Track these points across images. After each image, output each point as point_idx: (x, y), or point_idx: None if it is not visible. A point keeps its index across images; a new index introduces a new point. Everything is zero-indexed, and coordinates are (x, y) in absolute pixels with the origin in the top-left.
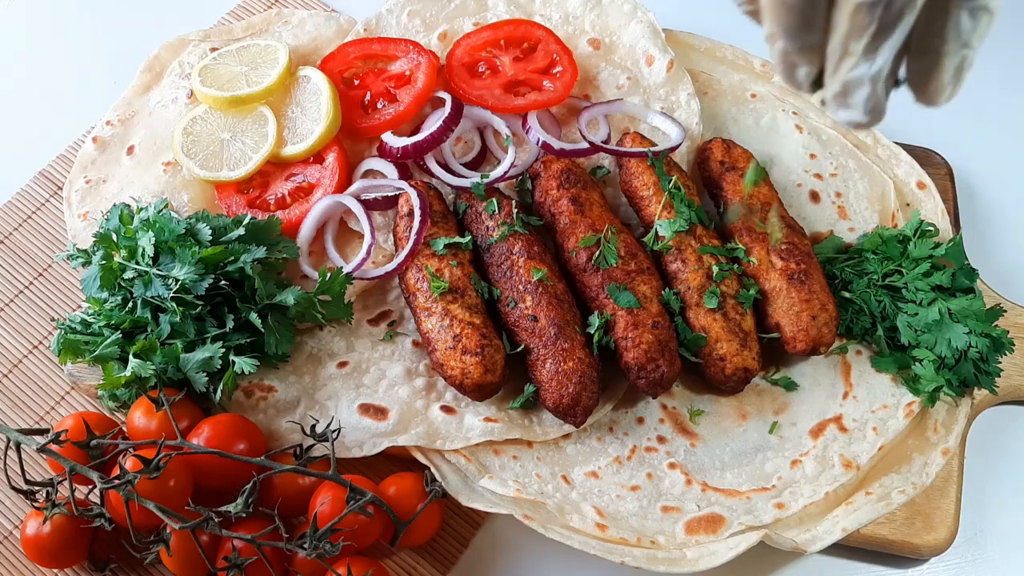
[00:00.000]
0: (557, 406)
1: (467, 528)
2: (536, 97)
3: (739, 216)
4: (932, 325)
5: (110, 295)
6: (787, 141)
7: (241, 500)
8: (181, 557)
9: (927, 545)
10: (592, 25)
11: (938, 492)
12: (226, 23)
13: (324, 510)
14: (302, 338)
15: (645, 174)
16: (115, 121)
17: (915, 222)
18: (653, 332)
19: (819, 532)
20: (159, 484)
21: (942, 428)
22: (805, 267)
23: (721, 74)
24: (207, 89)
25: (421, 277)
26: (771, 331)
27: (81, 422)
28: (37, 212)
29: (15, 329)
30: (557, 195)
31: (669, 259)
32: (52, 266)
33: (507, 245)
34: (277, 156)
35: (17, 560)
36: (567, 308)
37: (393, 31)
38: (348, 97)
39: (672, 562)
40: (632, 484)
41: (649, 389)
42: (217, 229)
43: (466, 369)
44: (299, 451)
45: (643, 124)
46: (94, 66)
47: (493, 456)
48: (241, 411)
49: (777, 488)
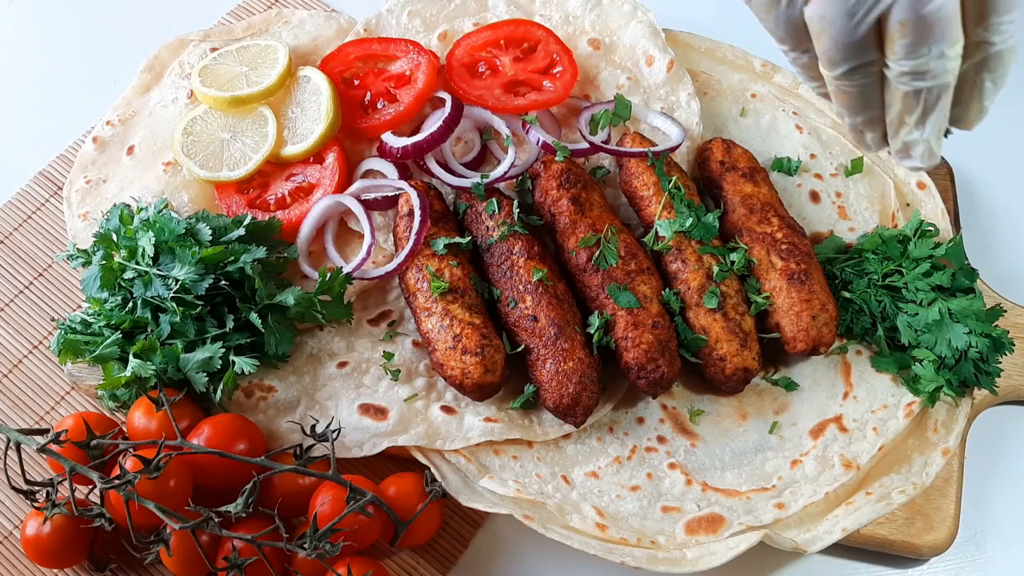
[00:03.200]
0: (557, 406)
1: (467, 528)
2: (536, 97)
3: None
4: (932, 325)
5: (110, 295)
6: (787, 141)
7: (241, 500)
8: (181, 557)
9: (927, 545)
10: (592, 25)
11: (938, 492)
12: (226, 23)
13: (324, 510)
14: (302, 338)
15: (645, 174)
16: (115, 121)
17: (915, 222)
18: (653, 332)
19: (819, 532)
20: (159, 484)
21: (942, 428)
22: (805, 267)
23: (721, 74)
24: (207, 89)
25: (421, 277)
26: (771, 331)
27: (81, 422)
28: (37, 212)
29: (15, 329)
30: (557, 195)
31: (669, 259)
32: (52, 266)
33: (507, 245)
34: (277, 156)
35: (17, 560)
36: (567, 308)
37: (393, 31)
38: (348, 97)
39: (672, 562)
40: (632, 484)
41: (649, 389)
42: (217, 229)
43: (466, 369)
44: (299, 451)
45: (643, 124)
46: (94, 66)
47: (493, 456)
48: (241, 411)
49: (777, 488)
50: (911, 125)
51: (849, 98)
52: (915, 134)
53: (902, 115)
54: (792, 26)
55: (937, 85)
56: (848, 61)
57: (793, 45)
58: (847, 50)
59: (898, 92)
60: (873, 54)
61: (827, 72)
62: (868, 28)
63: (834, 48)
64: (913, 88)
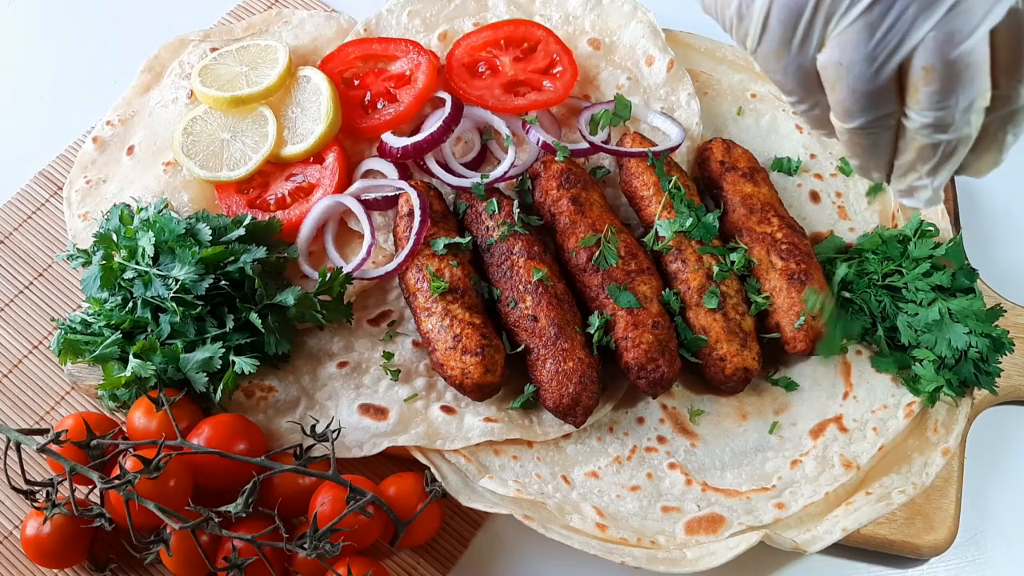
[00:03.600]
0: (557, 406)
1: (467, 528)
2: (536, 97)
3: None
4: (932, 325)
5: (110, 295)
6: (787, 141)
7: (241, 500)
8: (181, 557)
9: (927, 545)
10: (592, 25)
11: (938, 492)
12: (226, 23)
13: (324, 510)
14: (302, 338)
15: (645, 174)
16: (115, 121)
17: (915, 222)
18: (653, 332)
19: (819, 532)
20: (159, 484)
21: (942, 428)
22: (805, 267)
23: (721, 74)
24: (207, 89)
25: (421, 277)
26: (771, 331)
27: (81, 422)
28: (37, 212)
29: (15, 329)
30: (557, 195)
31: (669, 259)
32: (52, 266)
33: (507, 245)
34: (277, 156)
35: (17, 560)
36: (567, 308)
37: (393, 31)
38: (348, 97)
39: (672, 562)
40: (632, 484)
41: (649, 389)
42: (217, 229)
43: (466, 369)
44: (299, 451)
45: (643, 124)
46: (94, 66)
47: (493, 456)
48: (241, 411)
49: (777, 488)
50: (922, 174)
51: (862, 148)
52: (924, 181)
53: (914, 164)
54: (804, 75)
55: (958, 139)
56: (866, 113)
57: (803, 96)
58: (865, 100)
59: (914, 143)
60: (893, 104)
61: (840, 124)
62: (890, 75)
63: (851, 98)
64: (932, 141)
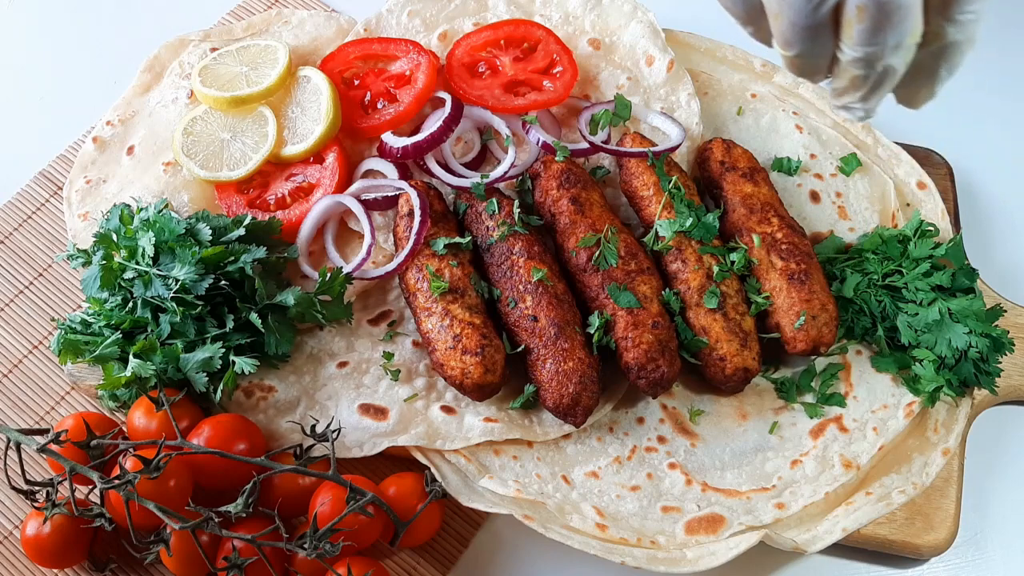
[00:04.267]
0: (557, 406)
1: (467, 528)
2: (536, 97)
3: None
4: (932, 325)
5: (110, 295)
6: (787, 141)
7: (241, 500)
8: (181, 557)
9: (927, 545)
10: (592, 25)
11: (938, 492)
12: (226, 23)
13: (324, 510)
14: (302, 338)
15: (645, 174)
16: (115, 121)
17: (915, 222)
18: (653, 332)
19: (819, 532)
20: (159, 484)
21: (942, 428)
22: (805, 267)
23: (721, 74)
24: (207, 89)
25: (421, 277)
26: (771, 331)
27: (81, 422)
28: (37, 212)
29: (15, 329)
30: (557, 195)
31: (669, 259)
32: (52, 266)
33: (507, 245)
34: (277, 156)
35: (17, 560)
36: (567, 308)
37: (393, 31)
38: (348, 97)
39: (672, 562)
40: (632, 484)
41: (649, 389)
42: (217, 229)
43: (466, 369)
44: (299, 451)
45: (643, 124)
46: (94, 66)
47: (493, 456)
48: (241, 411)
49: (777, 488)
50: (854, 99)
51: (799, 71)
52: (857, 104)
53: (847, 89)
54: (749, 6)
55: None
56: (803, 43)
57: (747, 21)
58: (804, 33)
59: (847, 72)
60: (829, 38)
61: (781, 51)
62: (827, 12)
63: (791, 31)
64: (863, 72)
